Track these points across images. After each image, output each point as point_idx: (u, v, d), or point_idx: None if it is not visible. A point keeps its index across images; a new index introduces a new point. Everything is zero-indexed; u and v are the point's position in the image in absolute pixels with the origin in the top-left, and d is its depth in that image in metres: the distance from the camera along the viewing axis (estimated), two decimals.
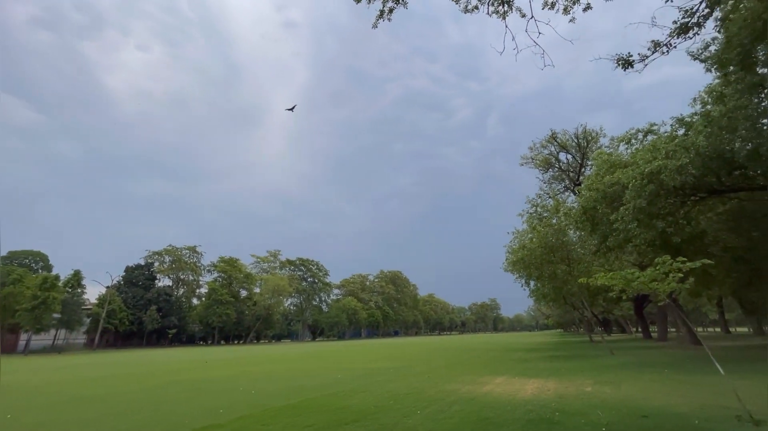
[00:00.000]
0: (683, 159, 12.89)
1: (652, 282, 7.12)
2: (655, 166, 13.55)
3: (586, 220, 16.45)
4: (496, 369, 15.10)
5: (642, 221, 14.93)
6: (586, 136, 26.55)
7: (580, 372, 12.93)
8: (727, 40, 13.49)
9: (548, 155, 29.22)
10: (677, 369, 12.39)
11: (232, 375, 15.78)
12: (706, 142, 12.89)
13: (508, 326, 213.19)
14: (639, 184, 13.81)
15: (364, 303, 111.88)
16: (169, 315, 66.89)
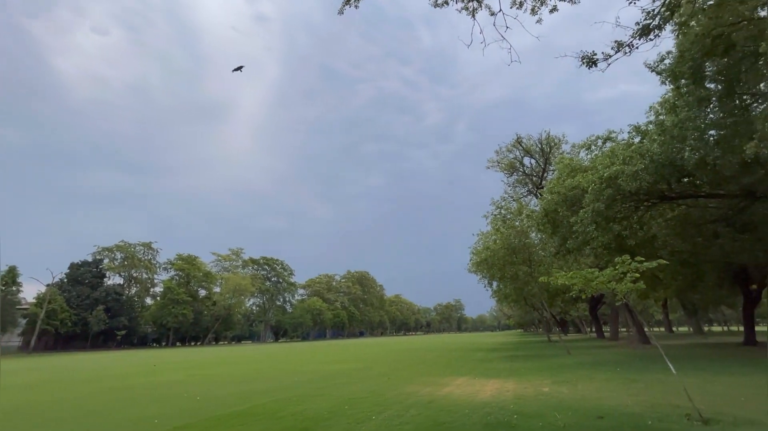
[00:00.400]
0: (639, 165, 13.35)
1: (610, 282, 7.12)
2: (613, 170, 13.96)
3: (548, 223, 16.78)
4: (457, 369, 15.01)
5: (600, 224, 15.38)
6: (549, 142, 27.43)
7: (539, 372, 13.05)
8: (680, 53, 14.15)
9: (513, 159, 29.94)
10: (629, 368, 12.78)
11: (180, 379, 14.69)
12: (660, 149, 13.42)
13: (471, 326, 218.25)
14: (598, 188, 14.18)
15: (330, 303, 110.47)
16: (118, 316, 62.61)
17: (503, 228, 20.56)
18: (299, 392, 10.38)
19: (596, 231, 14.50)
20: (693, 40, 13.91)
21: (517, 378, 11.67)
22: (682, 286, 24.83)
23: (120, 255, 72.12)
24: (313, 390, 10.71)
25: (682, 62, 14.04)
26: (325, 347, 45.17)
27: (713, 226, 17.60)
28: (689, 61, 13.83)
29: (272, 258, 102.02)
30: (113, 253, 71.47)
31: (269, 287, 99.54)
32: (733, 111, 13.99)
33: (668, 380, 9.67)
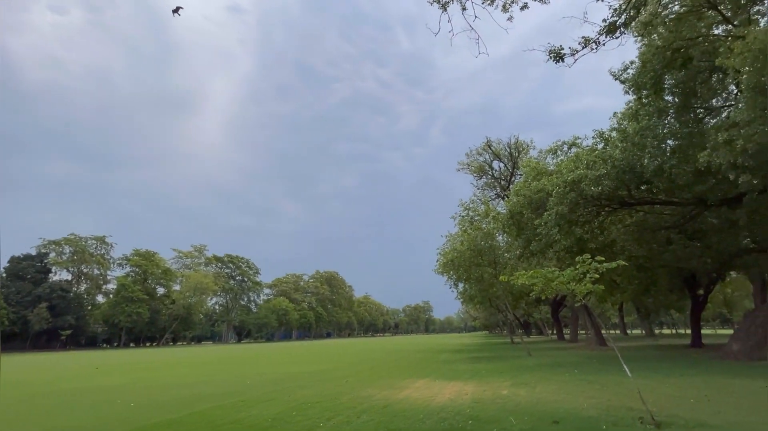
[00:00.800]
0: (601, 170, 13.60)
1: (570, 282, 6.97)
2: (577, 175, 14.17)
3: (513, 225, 16.87)
4: (419, 371, 14.71)
5: (563, 227, 15.59)
6: (518, 147, 27.95)
7: (499, 373, 12.96)
8: (643, 64, 14.58)
9: (483, 162, 30.29)
10: (586, 370, 12.92)
11: (121, 383, 13.51)
12: (621, 156, 13.73)
13: (439, 328, 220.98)
14: (562, 191, 14.34)
15: (297, 303, 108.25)
16: (63, 314, 58.23)
17: (470, 230, 20.58)
18: (248, 397, 9.66)
19: (559, 234, 14.67)
20: (654, 51, 14.35)
21: (477, 380, 11.48)
22: (638, 290, 25.88)
23: (69, 250, 67.16)
24: (264, 394, 10.02)
25: (644, 73, 14.45)
26: (289, 348, 43.91)
27: (667, 233, 18.34)
28: (650, 72, 14.25)
29: (237, 256, 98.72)
30: (61, 247, 66.45)
31: (233, 286, 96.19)
32: (689, 123, 14.53)
33: (623, 382, 9.76)
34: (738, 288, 43.39)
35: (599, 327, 25.81)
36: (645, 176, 14.04)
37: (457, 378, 12.03)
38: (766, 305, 13.78)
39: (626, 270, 22.87)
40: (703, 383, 9.34)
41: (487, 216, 21.44)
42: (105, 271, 71.61)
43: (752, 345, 13.48)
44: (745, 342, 13.61)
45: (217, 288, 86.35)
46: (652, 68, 14.15)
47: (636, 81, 14.77)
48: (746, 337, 13.63)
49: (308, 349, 39.18)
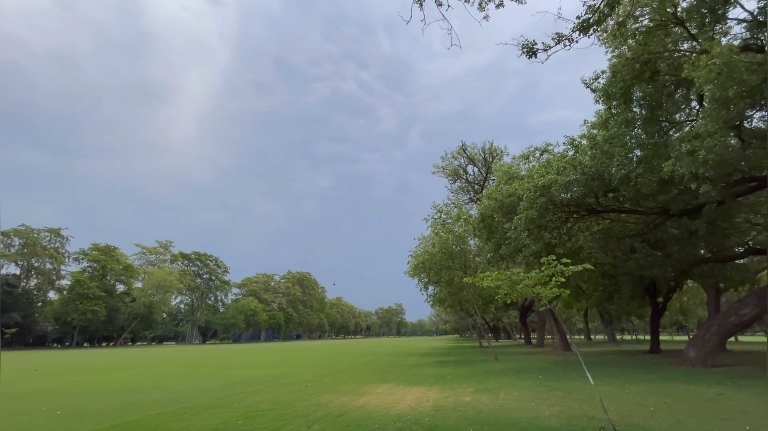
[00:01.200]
0: (571, 176, 13.67)
1: (536, 286, 6.74)
2: (547, 180, 14.20)
3: (484, 228, 16.78)
4: (384, 375, 14.27)
5: (532, 232, 15.63)
6: (492, 152, 28.21)
7: (464, 378, 12.71)
8: (613, 74, 14.85)
9: (458, 166, 30.39)
10: (550, 375, 12.87)
11: (57, 388, 12.33)
12: (591, 162, 13.87)
13: (410, 331, 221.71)
14: (532, 195, 14.33)
15: (266, 304, 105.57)
16: (9, 311, 54.05)
17: (442, 232, 20.43)
18: (195, 403, 8.91)
19: (528, 238, 14.65)
20: (624, 63, 14.63)
21: (441, 385, 11.16)
22: (602, 297, 26.54)
23: (18, 241, 62.53)
24: (213, 400, 9.28)
25: (614, 83, 14.68)
26: (254, 350, 42.46)
27: (631, 241, 18.81)
28: (620, 83, 14.49)
29: (205, 254, 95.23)
30: (10, 238, 61.78)
31: (200, 284, 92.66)
32: (654, 134, 14.86)
33: (585, 388, 9.67)
34: (693, 296, 45.63)
35: (564, 333, 26.26)
36: (612, 184, 14.25)
37: (420, 383, 11.67)
38: (721, 314, 14.22)
39: (592, 277, 23.40)
40: (663, 390, 9.38)
41: (459, 219, 21.35)
42: (59, 266, 67.05)
43: (707, 352, 13.88)
44: (701, 349, 13.99)
45: (183, 286, 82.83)
46: (621, 78, 14.41)
47: (606, 90, 15.01)
48: (702, 344, 14.02)
49: (274, 351, 37.98)
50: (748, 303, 13.50)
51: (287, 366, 19.24)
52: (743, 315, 13.45)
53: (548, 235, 16.53)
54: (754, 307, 13.37)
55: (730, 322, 13.64)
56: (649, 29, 14.39)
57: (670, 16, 14.18)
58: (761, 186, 14.68)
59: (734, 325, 13.64)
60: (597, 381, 10.69)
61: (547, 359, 20.02)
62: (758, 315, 13.43)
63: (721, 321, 13.89)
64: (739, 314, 13.51)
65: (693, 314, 55.51)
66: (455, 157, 30.26)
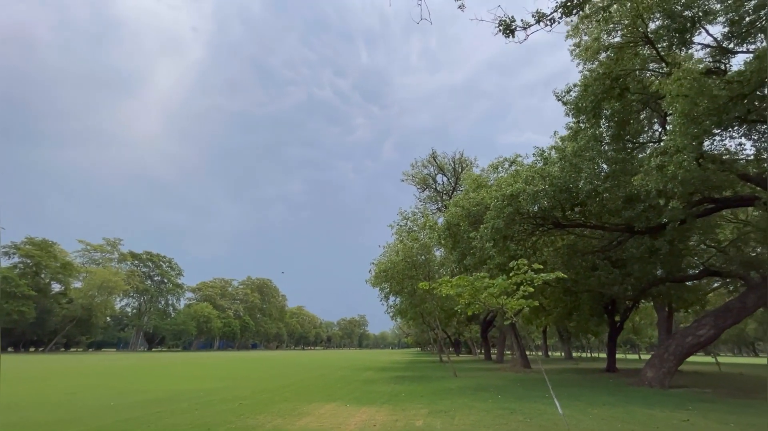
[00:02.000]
0: (539, 185, 13.20)
1: (500, 295, 5.85)
2: (515, 188, 13.67)
3: (449, 236, 16.02)
4: (333, 392, 12.93)
5: (498, 242, 15.05)
6: (462, 163, 27.96)
7: (419, 397, 11.64)
8: (584, 88, 14.72)
9: (427, 175, 29.91)
10: (510, 395, 12.07)
11: None
12: (559, 173, 13.48)
13: (373, 343, 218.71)
14: (500, 204, 13.74)
15: (222, 310, 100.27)
16: None
17: (407, 240, 19.55)
18: (93, 426, 7.26)
19: (494, 249, 13.99)
20: (596, 77, 14.54)
21: (393, 405, 10.02)
22: (562, 313, 26.58)
23: None
24: (117, 422, 7.65)
25: (584, 97, 14.52)
26: (199, 359, 39.36)
27: (593, 258, 18.73)
28: (591, 96, 14.34)
29: (158, 254, 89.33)
30: None
31: (150, 287, 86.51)
32: (621, 151, 14.78)
33: (548, 411, 8.88)
34: (645, 316, 47.39)
35: (524, 349, 25.94)
36: (579, 197, 13.93)
37: (371, 403, 10.48)
38: (678, 334, 14.11)
39: (554, 293, 23.29)
40: (627, 415, 8.74)
41: (426, 227, 20.58)
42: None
43: (664, 373, 13.64)
44: (659, 370, 13.74)
45: (129, 287, 76.92)
46: (593, 92, 14.26)
47: (577, 104, 14.85)
48: (659, 365, 13.79)
49: (221, 361, 35.28)
50: (705, 324, 13.44)
51: (227, 379, 17.39)
52: (700, 335, 13.35)
53: (514, 247, 16.02)
54: (710, 328, 13.31)
55: (687, 343, 13.50)
56: (620, 45, 14.43)
57: (640, 35, 14.26)
58: (719, 208, 14.90)
59: (691, 346, 13.51)
60: (552, 401, 9.97)
61: (507, 376, 19.38)
62: (714, 335, 13.38)
63: (678, 342, 13.74)
64: (696, 334, 13.41)
65: (644, 334, 57.96)
66: (425, 165, 29.78)
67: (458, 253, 16.12)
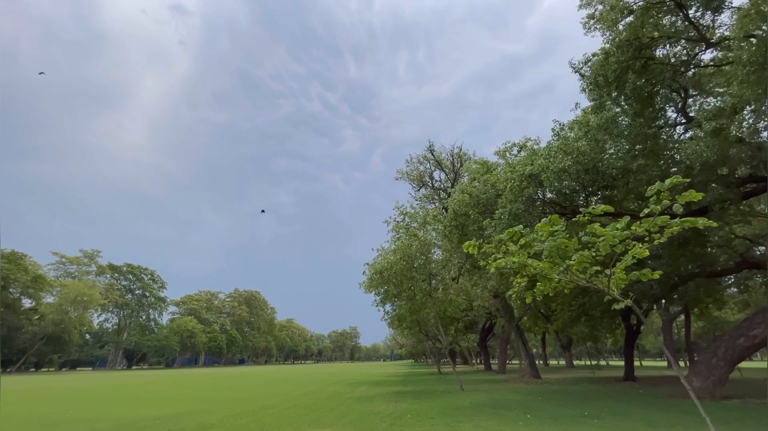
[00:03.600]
0: (565, 161, 11.26)
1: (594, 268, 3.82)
2: (536, 167, 11.71)
3: (455, 227, 13.91)
4: (322, 415, 10.56)
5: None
6: (461, 157, 26.09)
7: (429, 419, 9.36)
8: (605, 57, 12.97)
9: (423, 171, 27.96)
10: (540, 414, 9.87)
11: None
12: (587, 147, 11.57)
13: (365, 355, 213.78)
14: (517, 186, 11.75)
15: (207, 325, 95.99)
16: None
17: (405, 237, 17.43)
18: None
19: None
20: (618, 44, 12.82)
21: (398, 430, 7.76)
22: (569, 319, 24.61)
23: None
24: None
25: (606, 66, 12.78)
26: (178, 378, 36.16)
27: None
28: (613, 66, 12.62)
29: (139, 266, 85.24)
30: None
31: (130, 301, 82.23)
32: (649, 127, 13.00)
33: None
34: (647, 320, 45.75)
35: (533, 358, 23.82)
36: (605, 179, 12.04)
37: (370, 428, 8.19)
38: (727, 335, 12.14)
39: (566, 297, 21.32)
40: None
41: (425, 223, 18.51)
42: None
43: (714, 382, 11.63)
44: (707, 378, 11.73)
45: (107, 301, 72.73)
46: (616, 60, 12.54)
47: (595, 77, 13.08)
48: (708, 372, 11.77)
49: (202, 379, 32.26)
50: (759, 323, 11.51)
51: (199, 401, 14.82)
52: (754, 336, 11.41)
53: None
54: (765, 327, 11.38)
55: (740, 345, 11.54)
56: (646, 6, 12.77)
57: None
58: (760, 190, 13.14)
59: (744, 348, 11.56)
60: (603, 423, 7.83)
61: (519, 389, 17.17)
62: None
63: (728, 344, 11.77)
64: (749, 335, 11.46)
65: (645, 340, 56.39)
66: (421, 161, 27.85)
67: None
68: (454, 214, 13.68)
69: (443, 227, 14.40)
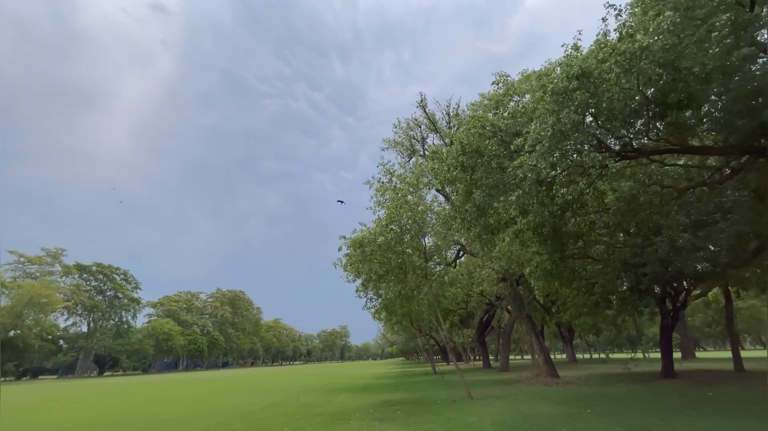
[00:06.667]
0: (636, 63, 7.29)
1: None
2: (587, 65, 7.70)
3: (463, 171, 9.84)
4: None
5: (539, 191, 9.09)
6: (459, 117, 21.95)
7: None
8: None
9: (413, 138, 23.90)
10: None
11: None
12: (665, 43, 7.57)
13: (355, 355, 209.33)
14: (563, 89, 7.71)
15: (187, 327, 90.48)
16: None
17: (393, 201, 13.38)
18: None
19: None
20: None
21: None
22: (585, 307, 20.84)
23: None
24: None
25: None
26: (145, 386, 31.43)
27: (658, 216, 12.96)
28: None
29: (111, 265, 79.24)
30: None
31: (100, 303, 76.32)
32: None
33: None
34: None
35: (548, 353, 20.05)
36: (689, 82, 8.11)
37: None
38: None
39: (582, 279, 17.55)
40: None
41: (417, 185, 14.45)
42: None
43: None
44: None
45: (71, 303, 66.93)
46: None
47: None
48: None
49: (157, 389, 27.69)
50: None
51: (135, 420, 10.50)
52: None
53: (564, 191, 10.14)
54: None
55: None
56: None
57: None
58: None
59: None
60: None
61: (546, 393, 13.27)
62: None
63: None
64: None
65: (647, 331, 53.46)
66: (411, 127, 23.77)
67: (477, 202, 9.88)
68: (462, 148, 9.62)
69: (446, 167, 10.32)
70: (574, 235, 12.68)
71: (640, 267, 14.60)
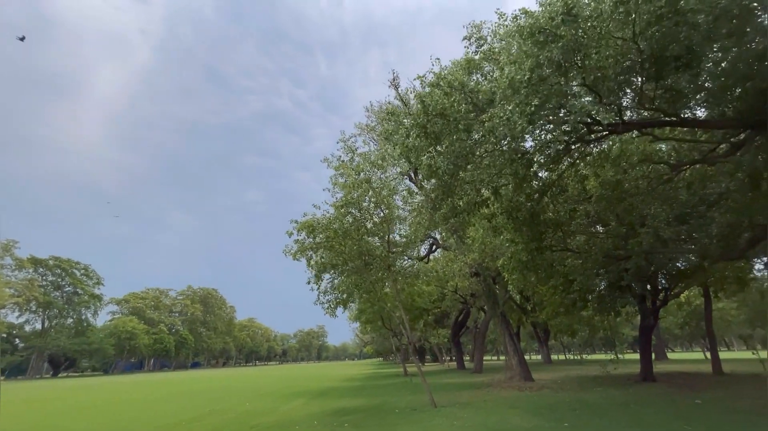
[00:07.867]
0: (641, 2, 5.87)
1: None
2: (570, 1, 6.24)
3: (426, 138, 8.27)
4: None
5: (516, 162, 7.64)
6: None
7: None
8: None
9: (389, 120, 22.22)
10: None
11: None
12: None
13: (333, 355, 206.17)
14: (552, 25, 6.22)
15: (152, 325, 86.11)
16: None
17: (351, 178, 11.72)
18: None
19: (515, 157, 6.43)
20: None
21: None
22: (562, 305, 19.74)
23: None
24: None
25: None
26: (87, 388, 28.54)
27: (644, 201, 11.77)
28: None
29: (69, 259, 74.27)
30: None
31: (56, 299, 71.43)
32: None
33: None
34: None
35: (522, 354, 18.79)
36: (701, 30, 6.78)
37: None
38: None
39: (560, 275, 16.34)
40: None
41: (383, 165, 12.87)
42: None
43: None
44: None
45: (22, 299, 62.21)
46: None
47: None
48: None
49: (107, 390, 25.09)
50: None
51: None
52: None
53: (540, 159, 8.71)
54: None
55: None
56: None
57: None
58: None
59: None
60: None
61: (518, 400, 11.87)
62: None
63: None
64: None
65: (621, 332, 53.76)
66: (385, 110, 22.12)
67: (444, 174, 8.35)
68: (424, 108, 8.03)
69: (404, 131, 8.73)
70: (552, 224, 11.31)
71: (622, 261, 13.45)
